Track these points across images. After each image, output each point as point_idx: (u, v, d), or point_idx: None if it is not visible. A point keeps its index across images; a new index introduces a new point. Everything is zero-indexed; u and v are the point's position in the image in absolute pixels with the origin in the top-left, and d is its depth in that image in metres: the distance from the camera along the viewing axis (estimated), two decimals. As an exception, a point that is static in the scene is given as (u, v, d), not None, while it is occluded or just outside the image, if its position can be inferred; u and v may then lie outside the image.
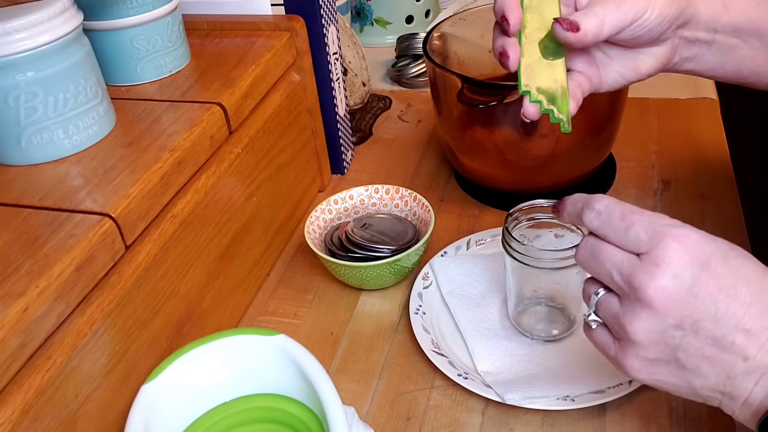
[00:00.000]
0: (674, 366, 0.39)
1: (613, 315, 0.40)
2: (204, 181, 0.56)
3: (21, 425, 0.39)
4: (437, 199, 0.77)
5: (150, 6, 0.60)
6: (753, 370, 0.37)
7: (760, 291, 0.37)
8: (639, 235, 0.38)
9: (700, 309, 0.37)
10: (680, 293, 0.37)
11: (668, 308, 0.37)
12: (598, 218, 0.41)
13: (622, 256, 0.39)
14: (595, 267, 0.41)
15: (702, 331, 0.37)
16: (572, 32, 0.46)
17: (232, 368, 0.50)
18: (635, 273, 0.38)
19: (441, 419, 0.53)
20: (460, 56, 0.79)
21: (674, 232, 0.38)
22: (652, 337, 0.38)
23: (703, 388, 0.39)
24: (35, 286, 0.40)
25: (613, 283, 0.40)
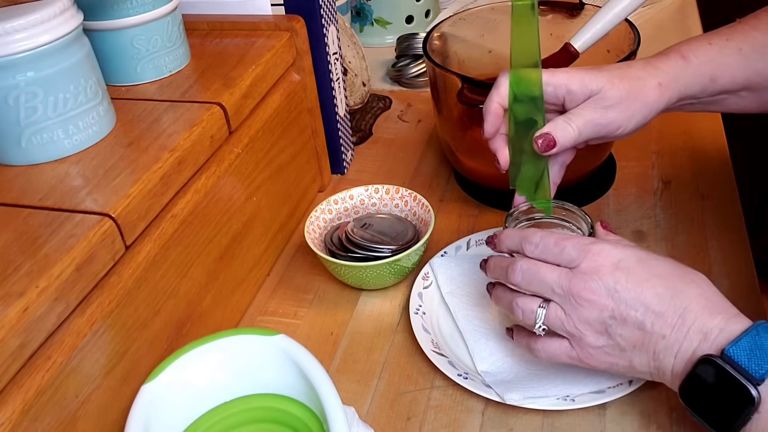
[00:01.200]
0: (618, 350, 0.47)
1: (561, 319, 0.48)
2: (204, 181, 0.56)
3: (21, 425, 0.39)
4: (437, 199, 0.77)
5: (150, 6, 0.60)
6: (671, 346, 0.45)
7: (670, 284, 0.46)
8: (571, 254, 0.48)
9: (624, 299, 0.46)
10: (606, 291, 0.47)
11: (602, 304, 0.47)
12: (537, 248, 0.50)
13: (559, 271, 0.48)
14: (536, 284, 0.49)
15: (629, 318, 0.46)
16: (548, 149, 0.54)
17: (232, 368, 0.50)
18: (572, 282, 0.47)
19: (441, 419, 0.53)
20: (460, 56, 0.79)
21: (593, 248, 0.48)
22: (596, 328, 0.47)
23: (641, 365, 0.47)
24: (35, 286, 0.40)
25: (554, 295, 0.48)
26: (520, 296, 0.50)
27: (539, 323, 0.49)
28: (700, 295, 0.46)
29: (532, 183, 0.58)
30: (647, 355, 0.46)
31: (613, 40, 0.70)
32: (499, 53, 0.81)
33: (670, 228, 0.69)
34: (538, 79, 0.54)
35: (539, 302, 0.49)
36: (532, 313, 0.49)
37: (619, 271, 0.47)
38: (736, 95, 0.57)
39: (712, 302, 0.45)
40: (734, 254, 0.65)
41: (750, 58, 0.55)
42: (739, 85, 0.56)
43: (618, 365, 0.48)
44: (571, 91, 0.54)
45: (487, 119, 0.56)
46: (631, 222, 0.70)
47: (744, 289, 0.61)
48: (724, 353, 0.42)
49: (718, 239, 0.67)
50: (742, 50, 0.55)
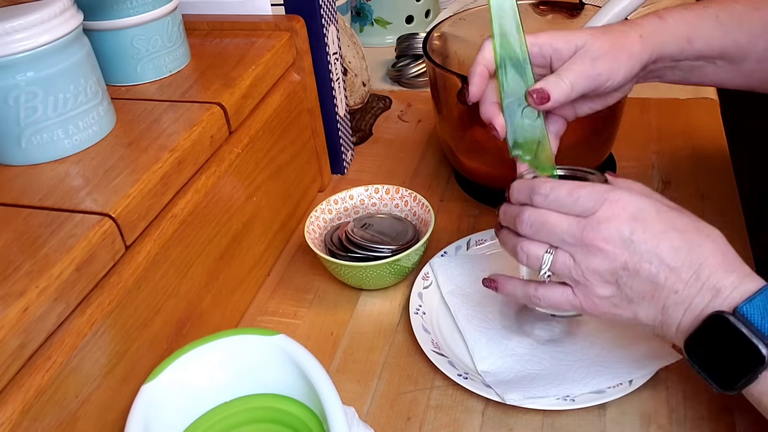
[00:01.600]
0: (625, 301, 0.47)
1: (569, 266, 0.47)
2: (204, 181, 0.56)
3: (21, 425, 0.39)
4: (437, 199, 0.77)
5: (150, 6, 0.60)
6: (682, 301, 0.45)
7: (687, 238, 0.45)
8: (585, 203, 0.46)
9: (639, 251, 0.45)
10: (621, 241, 0.45)
11: (615, 254, 0.45)
12: (546, 199, 0.48)
13: (569, 220, 0.47)
14: (544, 234, 0.48)
15: (642, 271, 0.45)
16: (543, 102, 0.52)
17: (232, 368, 0.50)
18: (586, 231, 0.46)
19: (441, 419, 0.53)
20: (460, 56, 0.79)
21: (611, 196, 0.46)
22: (606, 278, 0.46)
23: (646, 317, 0.47)
24: (35, 286, 0.40)
25: (564, 244, 0.47)
26: (527, 240, 0.49)
27: (545, 269, 0.48)
28: (716, 251, 0.45)
29: (531, 149, 0.55)
30: (655, 309, 0.46)
31: (613, 40, 0.70)
32: (499, 53, 0.81)
33: (670, 228, 0.69)
34: (521, 40, 0.53)
35: (546, 248, 0.48)
36: (537, 259, 0.48)
37: (637, 222, 0.45)
38: (714, 64, 0.57)
39: (728, 259, 0.45)
40: (734, 254, 0.65)
41: (727, 27, 0.56)
42: (715, 52, 0.56)
43: (621, 316, 0.47)
44: (556, 48, 0.53)
45: (472, 81, 0.54)
46: (631, 222, 0.70)
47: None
48: (737, 311, 0.42)
49: (718, 239, 0.66)
50: (719, 18, 0.56)
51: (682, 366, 0.54)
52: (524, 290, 0.51)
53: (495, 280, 0.54)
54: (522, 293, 0.51)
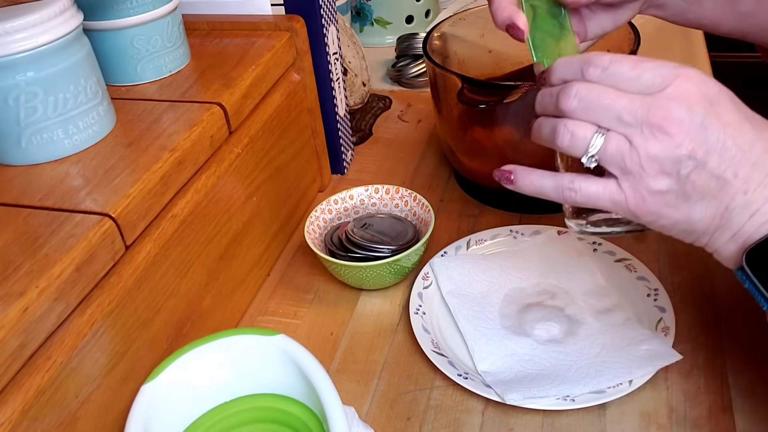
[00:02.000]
0: (681, 198, 0.40)
1: (623, 151, 0.40)
2: (204, 181, 0.56)
3: (21, 425, 0.39)
4: (437, 199, 0.77)
5: (150, 6, 0.60)
6: (750, 203, 0.40)
7: (764, 135, 0.40)
8: (652, 78, 0.40)
9: (710, 141, 0.39)
10: (694, 124, 0.39)
11: (684, 137, 0.39)
12: (605, 71, 0.41)
13: (630, 97, 0.40)
14: (598, 111, 0.41)
15: (711, 162, 0.39)
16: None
17: (232, 368, 0.50)
18: (652, 109, 0.39)
19: (441, 419, 0.53)
20: (460, 56, 0.79)
21: (683, 71, 0.40)
22: (665, 167, 0.40)
23: (700, 220, 0.41)
24: (35, 286, 0.40)
25: (620, 124, 0.40)
26: (572, 119, 0.42)
27: (592, 152, 0.41)
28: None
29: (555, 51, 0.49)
30: (714, 209, 0.40)
31: (613, 40, 0.70)
32: (499, 53, 0.81)
33: (670, 228, 0.69)
34: None
35: (595, 129, 0.41)
36: (583, 140, 0.41)
37: (712, 106, 0.39)
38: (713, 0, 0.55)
39: None
40: (734, 254, 0.65)
41: None
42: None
43: (669, 218, 0.41)
44: None
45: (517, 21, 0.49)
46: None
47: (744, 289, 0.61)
48: None
49: (718, 239, 0.67)
50: None
51: (682, 366, 0.55)
52: (555, 182, 0.44)
53: (511, 171, 0.46)
54: (551, 185, 0.44)
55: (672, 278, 0.63)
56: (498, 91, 0.63)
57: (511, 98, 0.63)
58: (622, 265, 0.63)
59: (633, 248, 0.65)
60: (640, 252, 0.65)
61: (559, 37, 0.50)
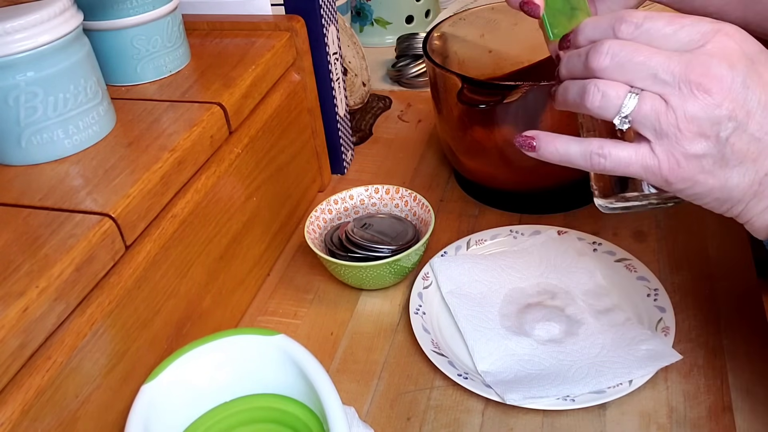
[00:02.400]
0: (718, 163, 0.38)
1: (659, 111, 0.38)
2: (204, 181, 0.56)
3: (21, 425, 0.39)
4: (437, 199, 0.77)
5: (150, 6, 0.60)
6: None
7: None
8: (690, 34, 0.38)
9: (752, 100, 0.37)
10: (735, 83, 0.37)
11: (724, 96, 0.37)
12: (639, 28, 0.39)
13: (666, 53, 0.38)
14: (633, 68, 0.38)
15: (752, 124, 0.37)
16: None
17: (232, 368, 0.50)
18: (691, 65, 0.37)
19: (441, 419, 0.53)
20: (460, 56, 0.79)
21: (726, 28, 0.38)
22: (704, 129, 0.38)
23: (737, 187, 0.39)
24: (35, 286, 0.40)
25: (656, 82, 0.38)
26: (603, 79, 0.39)
27: (625, 112, 0.39)
28: None
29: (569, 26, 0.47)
30: (753, 175, 0.38)
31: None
32: (499, 53, 0.82)
33: (670, 228, 0.69)
34: None
35: (629, 88, 0.39)
36: (616, 99, 0.39)
37: (755, 65, 0.37)
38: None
39: None
40: (734, 254, 0.65)
41: None
42: None
43: (703, 185, 0.39)
44: None
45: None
46: (631, 222, 0.70)
47: (744, 289, 0.61)
48: None
49: (718, 239, 0.67)
50: None
51: (682, 366, 0.55)
52: (582, 148, 0.41)
53: (533, 136, 0.43)
54: (579, 151, 0.41)
55: (672, 278, 0.63)
56: (498, 91, 0.63)
57: (511, 98, 0.63)
58: (622, 265, 0.63)
59: (633, 248, 0.65)
60: (640, 252, 0.65)
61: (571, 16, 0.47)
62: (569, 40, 0.43)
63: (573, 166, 0.42)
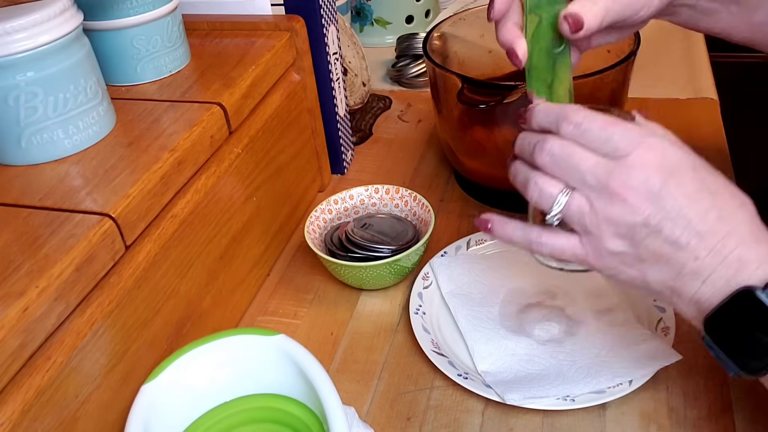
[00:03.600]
0: (635, 259, 0.43)
1: (583, 211, 0.43)
2: (204, 181, 0.56)
3: (21, 425, 0.39)
4: (437, 199, 0.77)
5: (150, 6, 0.60)
6: (701, 269, 0.41)
7: (720, 202, 0.41)
8: (618, 143, 0.42)
9: (666, 208, 0.41)
10: (650, 194, 0.41)
11: (639, 206, 0.41)
12: (577, 129, 0.43)
13: (596, 159, 0.42)
14: (565, 169, 0.43)
15: (664, 230, 0.41)
16: (577, 30, 0.48)
17: (232, 368, 0.50)
18: (613, 174, 0.41)
19: (441, 419, 0.53)
20: (460, 56, 0.79)
21: (648, 141, 0.42)
22: (621, 231, 0.42)
23: (655, 282, 0.43)
24: (35, 286, 0.40)
25: (584, 183, 0.43)
26: (542, 175, 0.44)
27: (556, 211, 0.43)
28: (748, 221, 0.41)
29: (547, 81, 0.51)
30: (668, 273, 0.42)
31: (613, 40, 0.70)
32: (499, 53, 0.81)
33: (670, 228, 0.69)
34: None
35: (562, 187, 0.43)
36: (550, 198, 0.44)
37: (671, 176, 0.41)
38: (727, 9, 0.56)
39: (759, 229, 0.41)
40: (734, 254, 0.65)
41: None
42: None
43: (627, 275, 0.44)
44: None
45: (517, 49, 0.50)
46: (631, 222, 0.70)
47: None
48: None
49: (718, 239, 0.66)
50: None
51: (682, 366, 0.54)
52: (525, 234, 0.46)
53: (489, 219, 0.48)
54: (522, 237, 0.46)
55: (672, 278, 0.63)
56: (498, 91, 0.63)
57: (511, 98, 0.63)
58: (622, 265, 0.63)
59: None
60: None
61: (556, 59, 0.50)
62: (525, 118, 0.47)
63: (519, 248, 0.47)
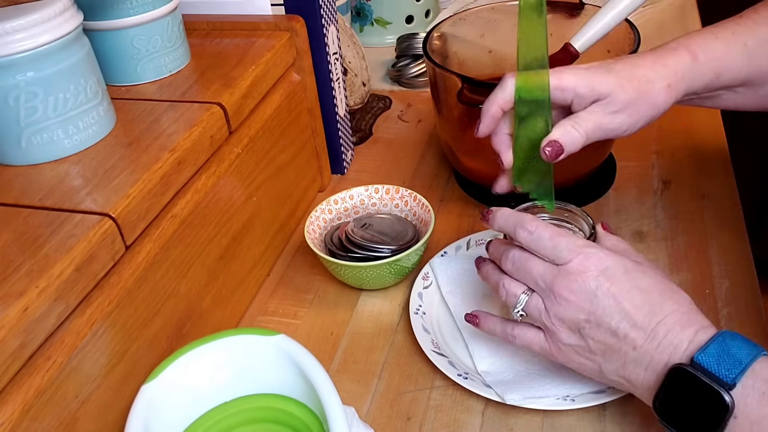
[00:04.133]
0: (588, 351, 0.48)
1: (539, 310, 0.49)
2: (204, 181, 0.56)
3: (21, 425, 0.39)
4: (437, 199, 0.77)
5: (150, 6, 0.60)
6: (642, 357, 0.46)
7: (649, 298, 0.47)
8: (562, 252, 0.48)
9: (601, 306, 0.47)
10: (587, 294, 0.47)
11: (579, 305, 0.47)
12: (530, 236, 0.50)
13: (545, 266, 0.49)
14: (523, 274, 0.50)
15: (603, 324, 0.47)
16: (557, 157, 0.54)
17: (232, 368, 0.50)
18: (556, 280, 0.48)
19: (441, 419, 0.53)
20: (460, 56, 0.79)
21: (586, 251, 0.48)
22: (570, 326, 0.48)
23: (609, 372, 0.48)
24: (35, 286, 0.40)
25: (537, 286, 0.50)
26: (508, 278, 0.52)
27: (518, 308, 0.50)
28: (676, 310, 0.46)
29: (534, 181, 0.57)
30: (617, 363, 0.47)
31: (613, 40, 0.70)
32: (499, 53, 0.82)
33: (670, 228, 0.69)
34: (545, 82, 0.53)
35: (524, 289, 0.50)
36: (514, 297, 0.51)
37: (604, 278, 0.47)
38: (733, 91, 0.58)
39: (687, 316, 0.46)
40: (734, 254, 0.65)
41: (753, 53, 0.56)
42: (739, 81, 0.57)
43: (587, 366, 0.49)
44: (579, 94, 0.54)
45: (483, 120, 0.57)
46: (631, 222, 0.70)
47: (744, 289, 0.61)
48: (693, 361, 0.43)
49: (718, 239, 0.67)
50: (747, 45, 0.56)
51: (682, 366, 0.54)
52: (502, 328, 0.53)
53: (476, 315, 0.55)
54: (500, 331, 0.53)
55: (672, 278, 0.63)
56: (498, 91, 0.63)
57: (511, 98, 0.63)
58: (622, 265, 0.63)
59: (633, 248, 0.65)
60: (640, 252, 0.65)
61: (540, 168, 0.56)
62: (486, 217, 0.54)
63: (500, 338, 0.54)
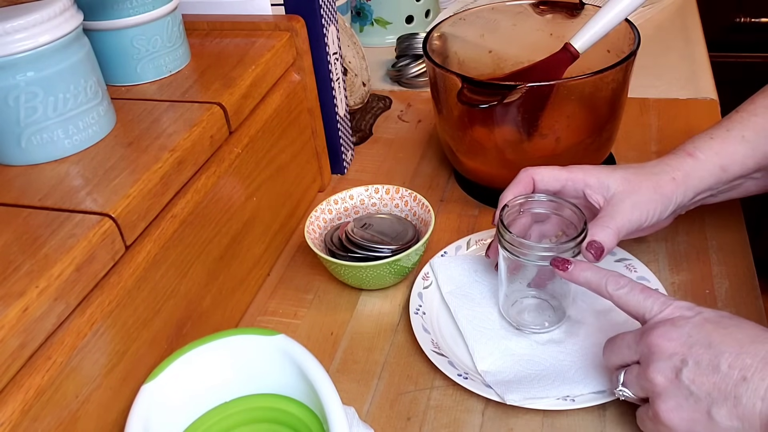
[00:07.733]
0: (692, 401, 0.43)
1: (637, 376, 0.47)
2: (204, 181, 0.56)
3: (21, 425, 0.39)
4: (437, 199, 0.77)
5: (150, 6, 0.60)
6: (755, 388, 0.41)
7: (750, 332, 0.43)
8: (654, 304, 0.47)
9: (698, 343, 0.44)
10: (680, 336, 0.44)
11: (674, 348, 0.44)
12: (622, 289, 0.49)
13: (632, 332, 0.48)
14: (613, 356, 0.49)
15: (703, 360, 0.43)
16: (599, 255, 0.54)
17: (232, 368, 0.50)
18: (647, 332, 0.46)
19: (441, 419, 0.53)
20: (460, 56, 0.79)
21: (677, 302, 0.47)
22: (669, 376, 0.44)
23: (721, 416, 0.42)
24: (35, 286, 0.40)
25: (628, 355, 0.48)
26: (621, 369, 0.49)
27: (619, 386, 0.48)
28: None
29: None
30: (728, 403, 0.42)
31: (613, 40, 0.70)
32: (499, 53, 0.82)
33: (670, 228, 0.69)
34: None
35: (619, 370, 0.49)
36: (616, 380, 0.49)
37: (699, 320, 0.45)
38: (751, 178, 0.59)
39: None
40: (734, 254, 0.65)
41: (754, 143, 0.57)
42: (750, 169, 0.58)
43: (696, 420, 0.43)
44: (589, 185, 0.57)
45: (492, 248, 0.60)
46: (631, 222, 0.70)
47: (744, 289, 0.61)
48: None
49: (718, 239, 0.67)
50: (745, 137, 0.57)
51: (682, 366, 0.54)
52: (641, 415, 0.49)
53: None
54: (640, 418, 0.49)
55: (672, 278, 0.63)
56: (498, 91, 0.63)
57: (511, 98, 0.63)
58: (622, 265, 0.63)
59: (633, 248, 0.65)
60: (640, 252, 0.65)
61: None
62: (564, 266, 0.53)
63: None
